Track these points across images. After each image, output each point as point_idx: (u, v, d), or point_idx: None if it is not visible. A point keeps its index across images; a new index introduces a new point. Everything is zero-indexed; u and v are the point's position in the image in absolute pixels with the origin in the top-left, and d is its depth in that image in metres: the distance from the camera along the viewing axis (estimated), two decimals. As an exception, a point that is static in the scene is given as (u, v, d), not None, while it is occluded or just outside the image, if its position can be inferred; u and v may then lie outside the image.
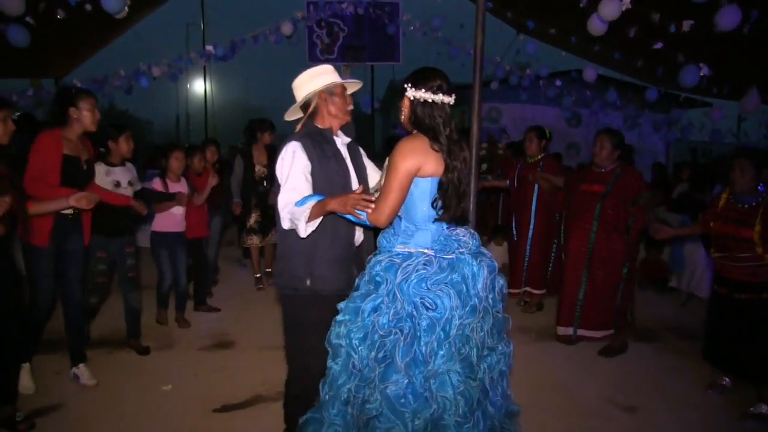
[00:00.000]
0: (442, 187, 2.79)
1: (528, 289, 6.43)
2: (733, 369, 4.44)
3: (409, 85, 2.82)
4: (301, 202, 2.89)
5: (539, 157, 6.29)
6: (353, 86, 3.40)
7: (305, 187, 2.97)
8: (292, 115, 3.33)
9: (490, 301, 2.82)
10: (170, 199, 5.49)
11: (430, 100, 2.77)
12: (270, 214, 7.03)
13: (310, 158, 3.04)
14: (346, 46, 13.58)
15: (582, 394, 4.43)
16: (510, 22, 11.44)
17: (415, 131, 2.86)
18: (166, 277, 5.66)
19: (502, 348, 2.89)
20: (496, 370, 2.85)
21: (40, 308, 4.23)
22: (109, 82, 11.30)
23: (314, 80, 3.17)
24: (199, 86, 23.68)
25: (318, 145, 3.10)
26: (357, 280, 2.98)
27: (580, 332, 5.36)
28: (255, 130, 7.08)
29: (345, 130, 3.31)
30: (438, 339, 2.64)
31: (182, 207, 5.63)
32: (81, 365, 4.52)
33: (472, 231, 2.94)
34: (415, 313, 2.67)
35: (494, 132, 13.49)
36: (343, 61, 13.68)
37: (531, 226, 6.26)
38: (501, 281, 2.91)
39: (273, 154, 6.92)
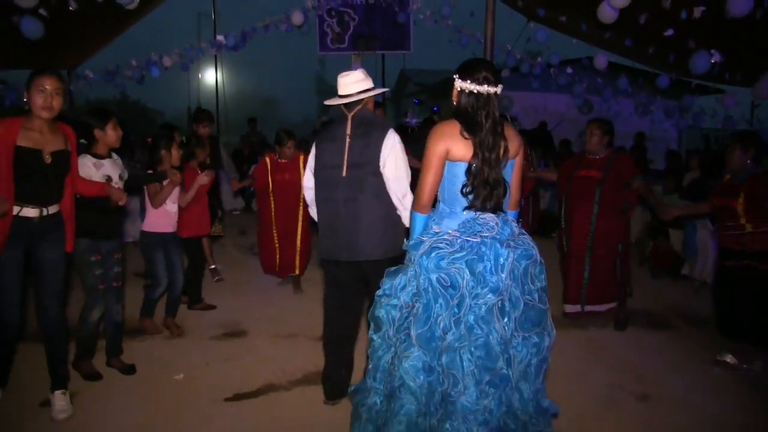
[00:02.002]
0: (470, 173, 2.92)
1: None
2: (735, 334, 4.86)
3: (457, 76, 2.99)
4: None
5: None
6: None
7: None
8: (334, 101, 3.92)
9: (525, 289, 2.87)
10: (160, 179, 4.89)
11: (475, 91, 2.92)
12: (213, 204, 6.81)
13: None
14: (356, 35, 13.55)
15: (593, 382, 4.44)
16: (520, 9, 11.39)
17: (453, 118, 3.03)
18: (162, 283, 5.17)
19: (535, 339, 2.90)
20: (526, 361, 2.87)
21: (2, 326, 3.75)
22: (121, 72, 11.38)
23: (368, 80, 3.89)
24: (210, 76, 23.72)
25: None
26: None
27: (588, 308, 5.63)
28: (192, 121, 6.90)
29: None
30: (451, 315, 2.75)
31: (174, 205, 5.18)
32: (57, 392, 3.90)
33: (507, 219, 3.02)
34: (430, 288, 2.80)
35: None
36: (354, 50, 13.66)
37: None
38: (538, 269, 2.96)
39: (213, 143, 6.84)
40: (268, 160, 6.60)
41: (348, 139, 3.77)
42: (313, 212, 4.14)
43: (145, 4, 9.39)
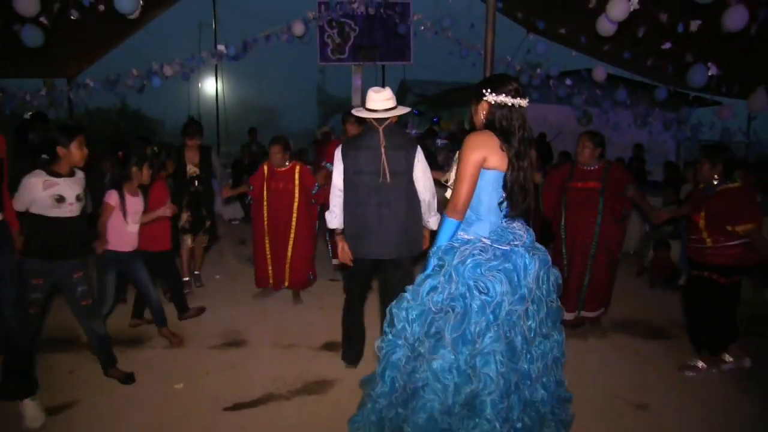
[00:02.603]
0: (506, 184, 3.05)
1: None
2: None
3: (489, 90, 3.09)
4: None
5: None
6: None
7: None
8: (363, 113, 4.40)
9: (544, 291, 3.05)
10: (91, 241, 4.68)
11: (509, 104, 3.05)
12: (201, 216, 6.78)
13: None
14: (357, 45, 13.61)
15: (592, 391, 4.43)
16: (520, 21, 11.44)
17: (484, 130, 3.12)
18: (108, 302, 4.98)
19: (556, 336, 3.15)
20: (549, 357, 3.10)
21: None
22: (122, 82, 11.40)
23: (394, 98, 4.42)
24: (210, 86, 23.78)
25: None
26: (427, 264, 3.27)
27: (583, 314, 5.83)
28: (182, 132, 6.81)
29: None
30: (487, 321, 2.87)
31: (135, 225, 5.00)
32: (27, 400, 3.83)
33: (527, 226, 3.17)
34: (467, 294, 2.91)
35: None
36: (354, 60, 13.71)
37: None
38: (555, 273, 3.14)
39: (205, 154, 6.70)
40: (265, 167, 6.54)
41: (383, 149, 4.30)
42: (332, 216, 4.55)
43: (146, 13, 9.42)
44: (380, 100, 4.35)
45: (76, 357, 4.90)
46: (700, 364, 4.93)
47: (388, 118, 4.36)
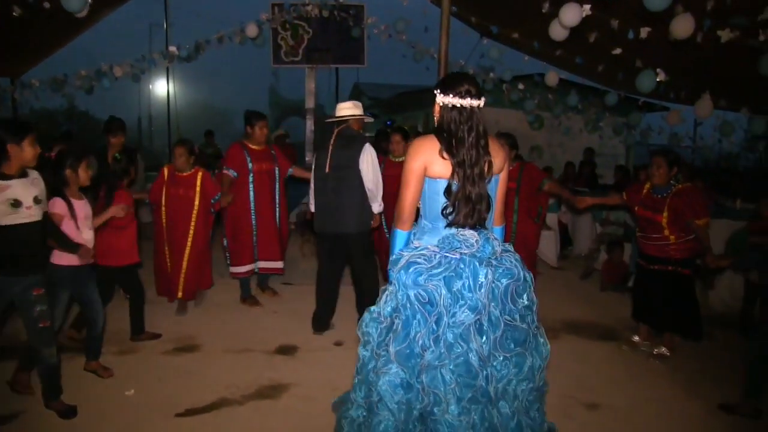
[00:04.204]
0: (449, 192, 2.84)
1: None
2: (651, 322, 5.63)
3: (438, 91, 2.91)
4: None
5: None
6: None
7: None
8: (329, 120, 5.58)
9: (507, 309, 2.79)
10: (73, 250, 4.13)
11: (458, 105, 2.84)
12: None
13: None
14: (311, 48, 13.53)
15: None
16: (474, 26, 11.53)
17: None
18: (55, 324, 4.24)
19: (516, 359, 2.82)
20: (505, 381, 2.79)
21: None
22: (70, 82, 11.14)
23: (355, 109, 5.52)
24: (161, 87, 23.38)
25: None
26: None
27: None
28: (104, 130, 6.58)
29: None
30: (429, 333, 2.70)
31: (90, 231, 4.40)
32: None
33: (489, 236, 2.90)
34: (408, 304, 2.75)
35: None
36: (307, 63, 13.63)
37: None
38: (521, 288, 2.87)
39: (132, 157, 5.83)
40: (165, 170, 6.12)
41: (331, 147, 5.41)
42: (309, 202, 5.71)
43: (95, 13, 9.21)
44: (341, 110, 5.48)
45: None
46: (636, 338, 5.71)
47: (342, 123, 5.47)
